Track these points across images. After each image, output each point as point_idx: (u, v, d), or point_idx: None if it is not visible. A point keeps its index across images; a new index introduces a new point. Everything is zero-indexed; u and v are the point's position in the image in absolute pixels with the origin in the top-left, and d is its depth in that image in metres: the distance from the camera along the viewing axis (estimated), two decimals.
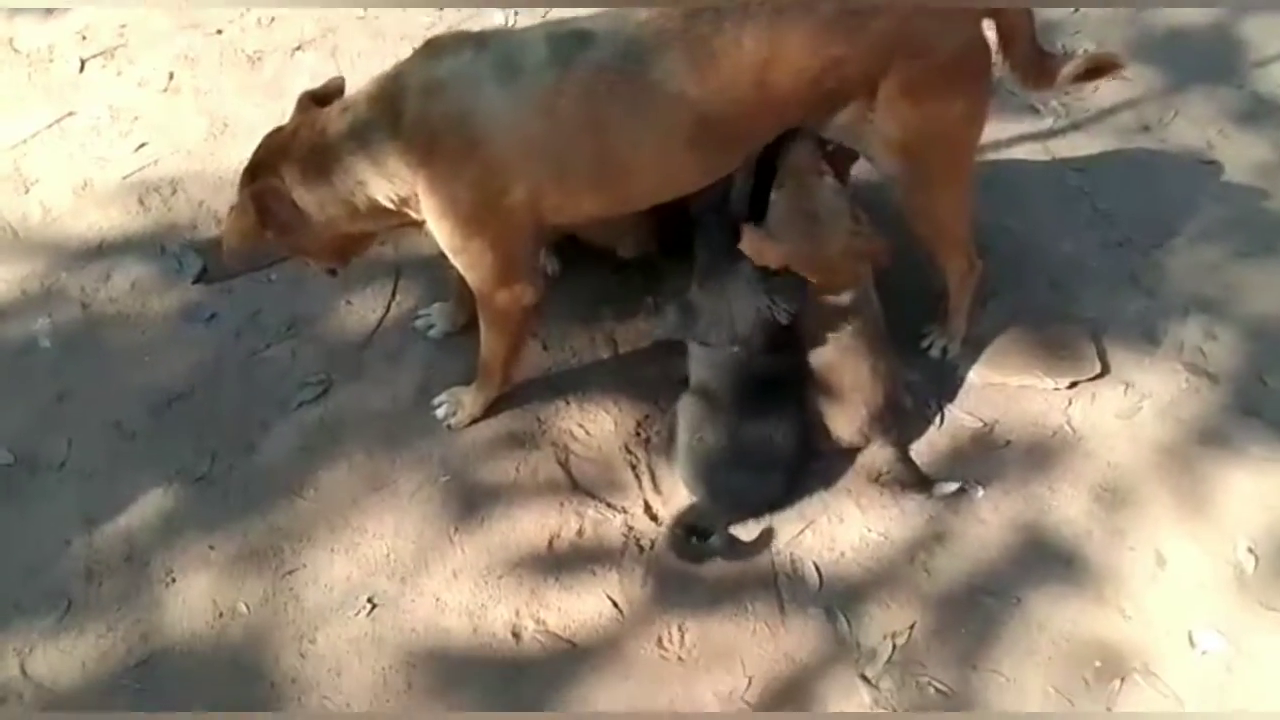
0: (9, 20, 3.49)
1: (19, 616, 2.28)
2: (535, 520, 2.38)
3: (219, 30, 3.43)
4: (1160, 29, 3.35)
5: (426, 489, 2.44)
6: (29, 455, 2.51)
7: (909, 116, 2.16)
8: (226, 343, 2.70)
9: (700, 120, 2.10)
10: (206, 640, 2.24)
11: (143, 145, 3.14)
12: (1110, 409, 2.51)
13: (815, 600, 2.26)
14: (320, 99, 2.23)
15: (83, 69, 3.35)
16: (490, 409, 2.53)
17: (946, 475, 2.40)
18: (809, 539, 2.34)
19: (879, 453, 2.40)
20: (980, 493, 2.39)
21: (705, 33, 2.04)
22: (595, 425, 2.52)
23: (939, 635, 2.21)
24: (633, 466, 2.46)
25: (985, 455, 2.46)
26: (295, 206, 2.17)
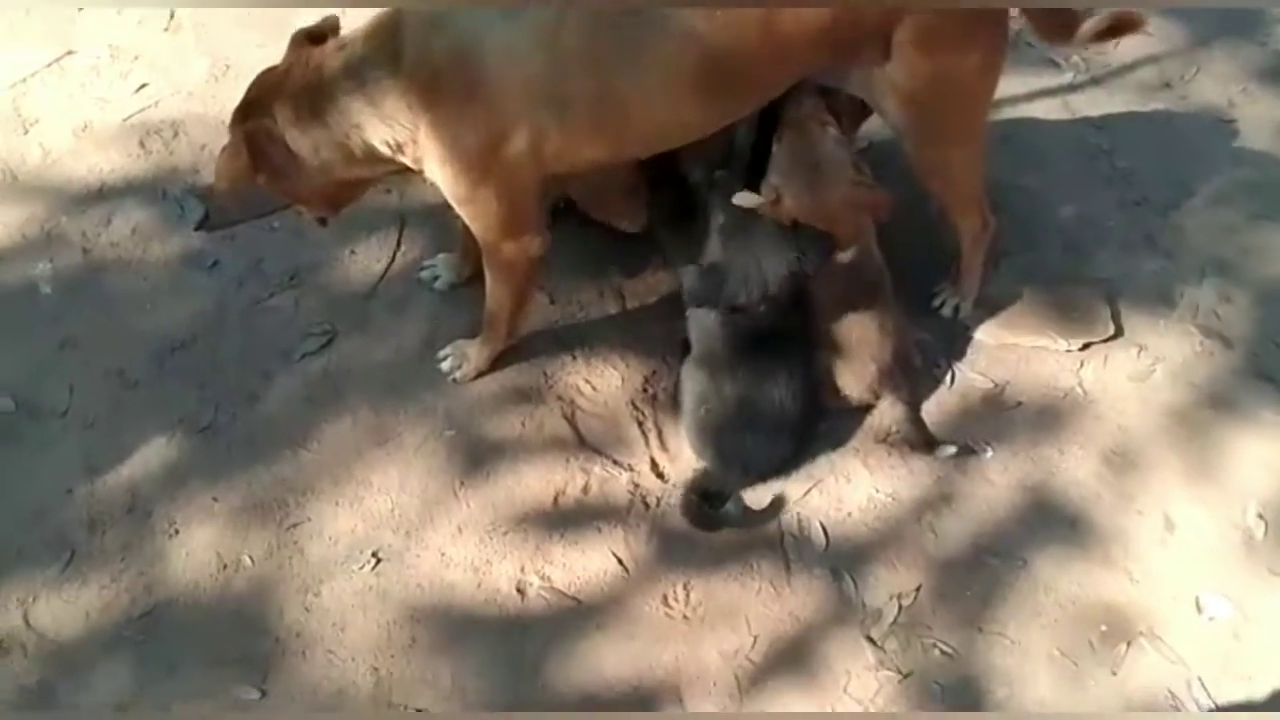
0: None
1: (22, 565, 2.27)
2: (541, 476, 2.37)
3: None
4: None
5: (431, 443, 2.42)
6: (31, 402, 2.49)
7: (922, 67, 2.10)
8: (229, 291, 2.66)
9: (706, 60, 2.03)
10: (210, 592, 2.24)
11: (143, 86, 3.08)
12: (1123, 371, 2.49)
13: (821, 560, 2.25)
14: (315, 37, 2.16)
15: (82, 7, 3.27)
16: (496, 363, 2.50)
17: (955, 436, 2.39)
18: (816, 499, 2.33)
19: (889, 410, 2.37)
20: (989, 453, 2.38)
21: None
22: (602, 381, 2.50)
23: (945, 597, 2.21)
24: (639, 423, 2.44)
25: (995, 416, 2.44)
26: (288, 149, 2.11)
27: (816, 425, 2.39)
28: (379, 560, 2.26)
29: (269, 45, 3.00)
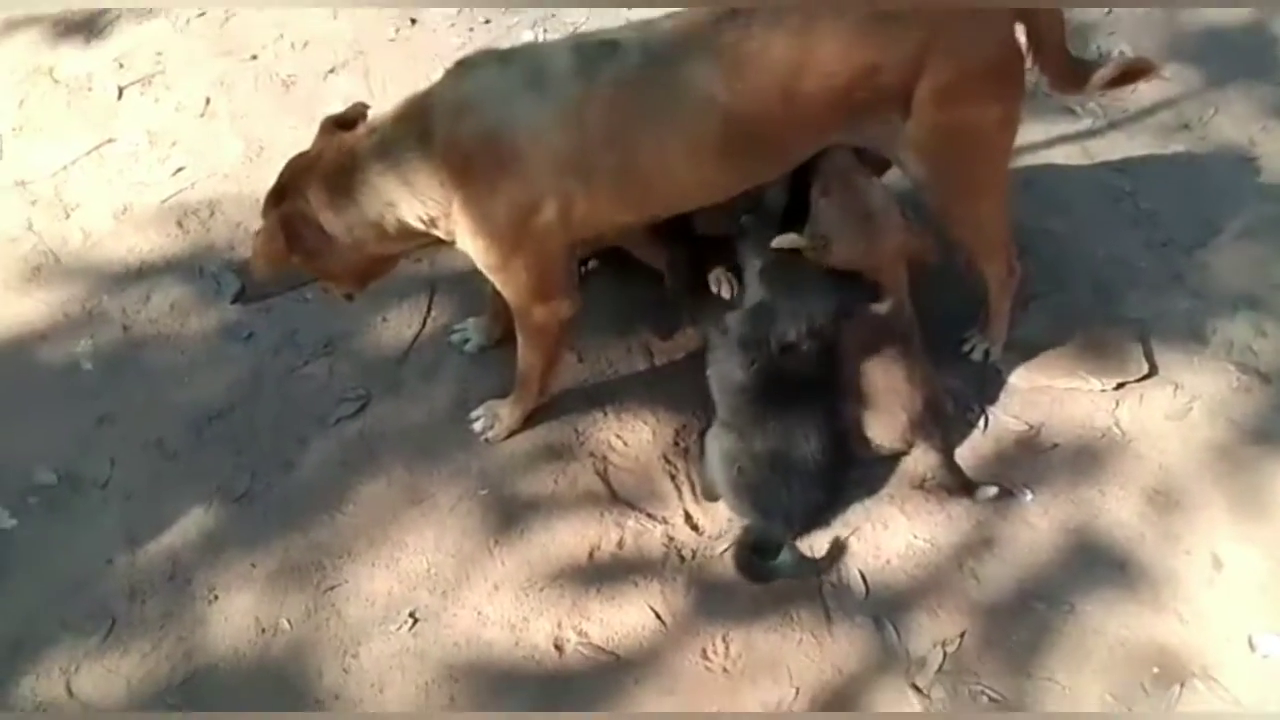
0: (50, 50, 3.55)
1: (64, 635, 2.28)
2: (575, 532, 2.36)
3: (254, 55, 3.47)
4: (1197, 28, 3.30)
5: (465, 502, 2.43)
6: (72, 475, 2.53)
7: (943, 123, 2.13)
8: (265, 360, 2.71)
9: (728, 128, 2.08)
10: (249, 657, 2.24)
11: (180, 169, 3.17)
12: (1159, 410, 2.46)
13: (862, 609, 2.22)
14: (343, 123, 2.24)
15: (121, 96, 3.40)
16: (527, 421, 2.52)
17: (992, 480, 2.36)
18: (854, 547, 2.30)
19: (923, 457, 2.36)
20: (1029, 497, 2.35)
21: (734, 39, 2.03)
22: (633, 435, 2.51)
23: (990, 643, 2.16)
24: (672, 476, 2.44)
25: (1032, 459, 2.41)
26: (321, 230, 2.17)
27: (848, 472, 2.37)
28: (416, 620, 2.26)
29: (301, 128, 3.11)
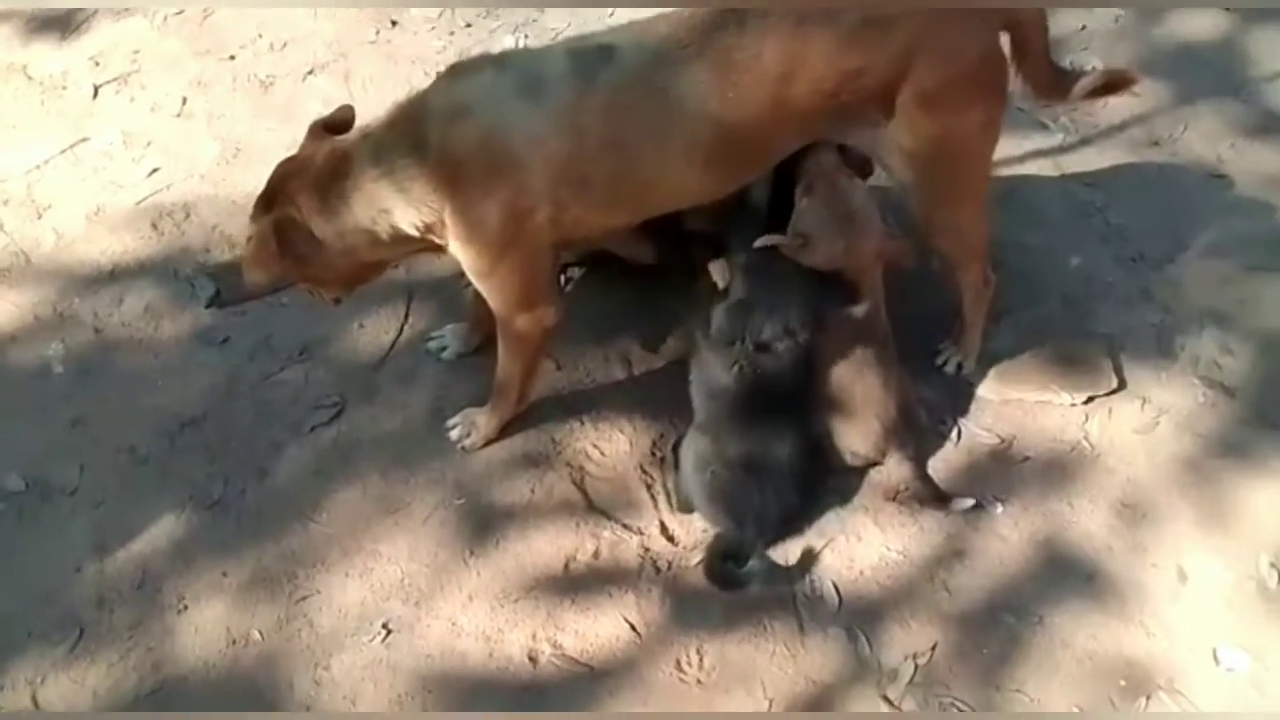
0: (23, 47, 3.51)
1: (31, 645, 2.26)
2: (551, 542, 2.36)
3: (231, 56, 3.45)
4: (1169, 43, 3.35)
5: (440, 512, 2.42)
6: (41, 482, 2.50)
7: (926, 127, 2.16)
8: (239, 366, 2.69)
9: (719, 133, 2.10)
10: (219, 668, 2.22)
11: (155, 170, 3.15)
12: (1128, 424, 2.50)
13: (835, 620, 2.23)
14: (332, 127, 2.23)
15: (96, 95, 3.36)
16: (504, 430, 2.51)
17: (965, 492, 2.38)
18: (828, 558, 2.32)
19: (896, 468, 2.38)
20: (999, 509, 2.38)
21: (726, 45, 2.05)
22: (610, 445, 2.51)
23: (961, 655, 2.19)
24: (648, 486, 2.44)
25: (1003, 471, 2.44)
26: (312, 236, 2.16)
27: (824, 480, 2.39)
28: (389, 631, 2.25)
29: (279, 129, 3.11)
